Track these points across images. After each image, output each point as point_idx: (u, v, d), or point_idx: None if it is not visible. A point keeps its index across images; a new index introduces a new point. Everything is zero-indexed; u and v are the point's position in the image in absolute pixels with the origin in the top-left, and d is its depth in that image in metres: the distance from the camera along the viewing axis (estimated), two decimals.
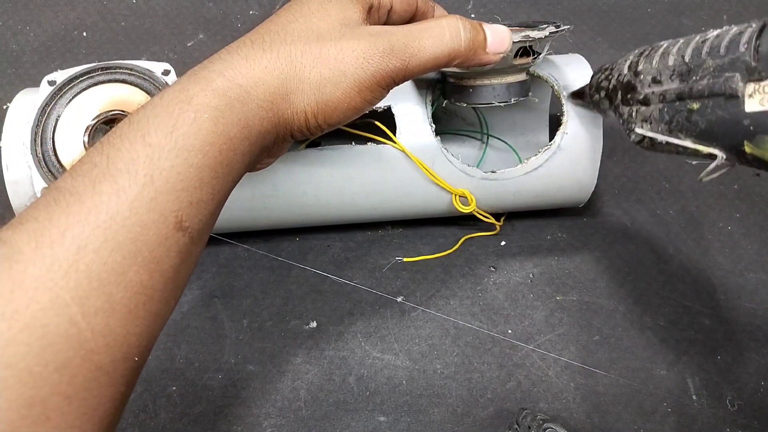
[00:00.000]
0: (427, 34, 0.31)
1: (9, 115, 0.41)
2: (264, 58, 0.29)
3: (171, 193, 0.25)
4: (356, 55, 0.30)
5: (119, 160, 0.25)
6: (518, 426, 0.40)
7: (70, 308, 0.22)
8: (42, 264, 0.22)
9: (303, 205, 0.43)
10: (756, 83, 0.25)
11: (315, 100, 0.30)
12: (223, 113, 0.27)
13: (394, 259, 0.48)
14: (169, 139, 0.26)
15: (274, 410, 0.43)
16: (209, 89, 0.28)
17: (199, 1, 0.57)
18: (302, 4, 0.32)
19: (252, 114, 0.28)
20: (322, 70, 0.30)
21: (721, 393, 0.44)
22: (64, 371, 0.22)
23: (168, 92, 0.28)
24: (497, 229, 0.48)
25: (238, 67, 0.29)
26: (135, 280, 0.24)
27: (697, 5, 0.57)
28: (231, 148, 0.27)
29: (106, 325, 0.23)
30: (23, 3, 0.57)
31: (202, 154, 0.26)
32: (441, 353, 0.45)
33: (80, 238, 0.23)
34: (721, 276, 0.47)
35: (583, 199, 0.45)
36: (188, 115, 0.26)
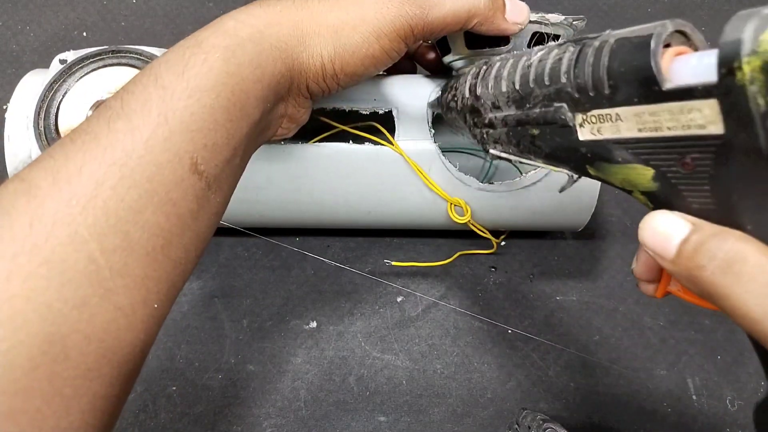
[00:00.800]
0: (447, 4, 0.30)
1: (17, 91, 0.41)
2: (279, 2, 0.29)
3: (185, 134, 0.25)
4: (360, 12, 0.29)
5: (133, 101, 0.25)
6: (518, 426, 0.40)
7: (89, 244, 0.22)
8: (60, 198, 0.22)
9: (297, 201, 0.43)
10: (583, 113, 0.24)
11: (332, 44, 0.29)
12: (234, 53, 0.27)
13: (384, 262, 0.47)
14: (180, 80, 0.26)
15: (274, 410, 0.43)
16: (220, 31, 0.27)
17: (199, 1, 0.57)
18: None
19: (265, 55, 0.28)
20: (340, 13, 0.29)
21: (721, 393, 0.44)
22: (83, 309, 0.22)
23: (181, 42, 0.27)
24: (495, 248, 0.47)
25: (252, 10, 0.28)
26: (152, 220, 0.24)
27: (697, 5, 0.57)
28: (244, 89, 0.27)
29: (124, 264, 0.23)
30: (23, 3, 0.57)
31: (215, 93, 0.26)
32: (441, 353, 0.45)
33: (97, 175, 0.23)
34: None
35: (582, 221, 0.44)
36: (199, 57, 0.26)
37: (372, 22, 0.29)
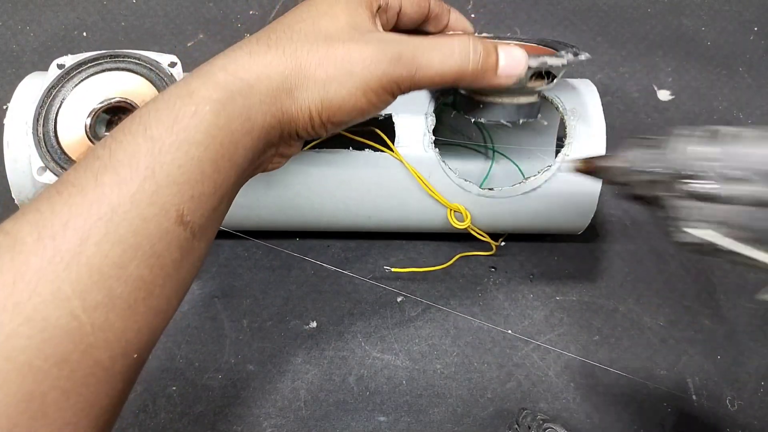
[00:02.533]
0: (437, 50, 0.31)
1: (15, 95, 0.41)
2: (268, 54, 0.29)
3: (172, 186, 0.25)
4: (364, 57, 0.30)
5: (121, 152, 0.25)
6: (518, 426, 0.40)
7: (71, 302, 0.22)
8: (44, 255, 0.22)
9: (296, 206, 0.43)
10: None
11: (320, 98, 0.30)
12: (224, 106, 0.27)
13: (383, 268, 0.47)
14: (170, 132, 0.26)
15: (274, 410, 0.43)
16: (210, 82, 0.28)
17: (199, 1, 0.57)
18: (310, 6, 0.32)
19: (254, 108, 0.28)
20: (329, 68, 0.30)
21: (721, 393, 0.44)
22: (63, 365, 0.22)
23: (170, 89, 0.28)
24: (494, 250, 0.46)
25: (241, 61, 0.29)
26: (135, 274, 0.24)
27: (697, 5, 0.57)
28: (233, 141, 0.27)
29: (105, 319, 0.23)
30: (23, 3, 0.57)
31: (203, 147, 0.26)
32: (441, 353, 0.45)
33: (82, 230, 0.23)
34: (721, 276, 0.47)
35: (582, 225, 0.44)
36: (189, 108, 0.26)
37: (359, 78, 0.30)
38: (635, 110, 0.53)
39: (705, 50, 0.55)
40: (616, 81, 0.54)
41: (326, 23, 0.30)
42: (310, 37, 0.30)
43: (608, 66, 0.55)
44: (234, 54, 0.29)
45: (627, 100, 0.53)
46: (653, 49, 0.55)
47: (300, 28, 0.30)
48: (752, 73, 0.54)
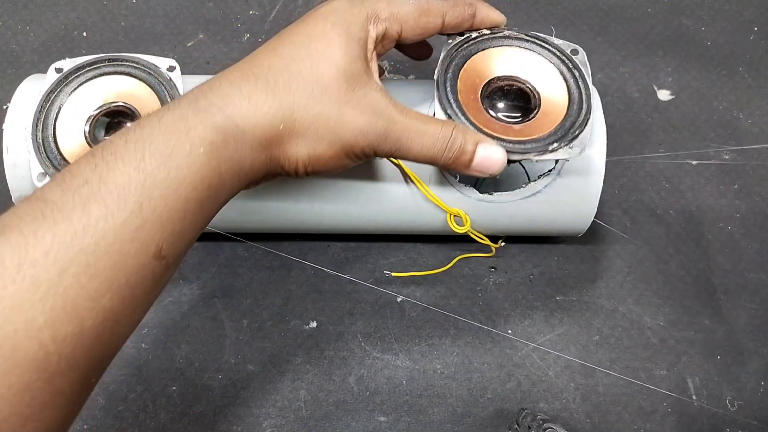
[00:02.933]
0: (419, 139, 0.33)
1: (14, 99, 0.41)
2: (266, 103, 0.30)
3: (156, 223, 0.26)
4: (355, 126, 0.31)
5: (111, 181, 0.25)
6: (518, 426, 0.40)
7: (42, 332, 0.22)
8: (22, 284, 0.22)
9: (296, 211, 0.43)
10: None
11: (307, 154, 0.32)
12: (218, 149, 0.28)
13: (383, 271, 0.47)
14: (162, 169, 0.26)
15: (274, 410, 0.43)
16: (208, 122, 0.28)
17: (199, 1, 0.57)
18: (309, 40, 0.32)
19: (245, 154, 0.29)
20: (320, 128, 0.31)
21: (721, 393, 0.44)
22: (25, 394, 0.22)
23: (167, 116, 0.28)
24: (493, 252, 0.46)
25: (239, 105, 0.29)
26: (107, 306, 0.24)
27: (697, 5, 0.57)
28: (221, 183, 0.28)
29: (72, 350, 0.23)
30: (23, 3, 0.57)
31: (192, 187, 0.27)
32: (441, 353, 0.45)
33: (63, 261, 0.23)
34: (721, 276, 0.47)
35: (581, 229, 0.44)
36: (185, 146, 0.27)
37: (346, 143, 0.32)
38: (635, 110, 0.53)
39: (705, 50, 0.55)
40: (616, 81, 0.54)
41: (324, 70, 0.31)
42: (307, 89, 0.31)
43: (608, 66, 0.55)
44: (232, 93, 0.30)
45: (627, 100, 0.53)
46: (653, 49, 0.55)
47: (298, 72, 0.31)
48: (752, 73, 0.54)
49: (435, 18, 0.35)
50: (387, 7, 0.34)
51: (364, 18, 0.33)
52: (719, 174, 0.51)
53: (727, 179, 0.50)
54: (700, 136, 0.52)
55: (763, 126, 0.52)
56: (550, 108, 0.38)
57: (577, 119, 0.37)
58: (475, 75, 0.39)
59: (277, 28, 0.56)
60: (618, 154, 0.51)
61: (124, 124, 0.41)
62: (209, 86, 0.30)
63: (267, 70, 0.31)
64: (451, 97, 0.37)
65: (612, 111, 0.53)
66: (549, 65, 0.39)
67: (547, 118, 0.38)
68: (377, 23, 0.33)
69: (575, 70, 0.38)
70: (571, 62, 0.38)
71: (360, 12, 0.33)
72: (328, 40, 0.32)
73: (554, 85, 0.38)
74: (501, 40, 0.39)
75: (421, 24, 0.35)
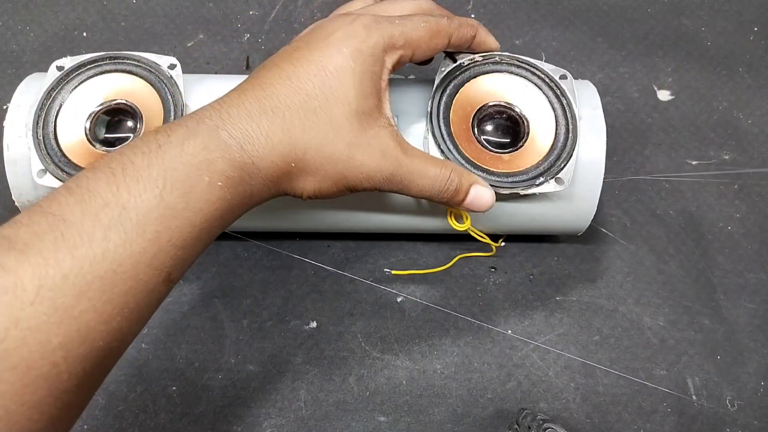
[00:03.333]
0: (420, 180, 0.35)
1: (15, 97, 0.41)
2: (281, 143, 0.31)
3: (170, 251, 0.26)
4: (361, 171, 0.33)
5: (132, 207, 0.25)
6: (518, 426, 0.40)
7: (55, 353, 0.23)
8: (40, 307, 0.23)
9: (296, 210, 0.43)
10: None
11: (313, 189, 0.33)
12: (234, 185, 0.29)
13: (383, 270, 0.47)
14: (182, 200, 0.27)
15: (274, 410, 0.43)
16: (227, 158, 0.29)
17: (199, 1, 0.57)
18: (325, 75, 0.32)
19: (257, 188, 0.31)
20: (328, 170, 0.33)
21: (721, 393, 0.44)
22: (36, 409, 0.23)
23: (190, 145, 0.28)
24: (494, 251, 0.46)
25: (257, 143, 0.30)
26: (116, 327, 0.25)
27: (697, 5, 0.57)
28: (230, 213, 0.30)
29: (82, 369, 0.24)
30: (23, 3, 0.57)
31: (206, 218, 0.28)
32: (441, 353, 0.45)
33: (80, 286, 0.24)
34: (721, 276, 0.47)
35: (581, 227, 0.44)
36: (204, 178, 0.28)
37: (350, 183, 0.34)
38: (635, 110, 0.53)
39: (705, 50, 0.55)
40: (616, 81, 0.54)
41: (338, 111, 0.32)
42: (321, 131, 0.32)
43: (608, 66, 0.55)
44: (251, 129, 0.30)
45: (627, 100, 0.53)
46: (653, 49, 0.55)
47: (313, 113, 0.32)
48: (752, 73, 0.54)
49: (443, 39, 0.36)
50: (402, 35, 0.34)
51: (381, 49, 0.33)
52: (719, 174, 0.51)
53: (727, 179, 0.50)
54: (700, 136, 0.52)
55: (763, 126, 0.52)
56: (538, 135, 0.40)
57: (563, 151, 0.39)
58: (467, 103, 0.40)
59: (277, 28, 0.56)
60: (618, 154, 0.51)
61: (124, 121, 0.41)
62: (228, 114, 0.30)
63: (284, 106, 0.31)
64: (444, 131, 0.39)
65: (612, 111, 0.53)
66: (537, 92, 0.40)
67: (535, 147, 0.39)
68: (393, 53, 0.34)
69: (563, 98, 0.40)
70: (559, 89, 0.40)
71: (377, 43, 0.33)
72: (343, 77, 0.32)
73: (542, 113, 0.40)
74: (492, 66, 0.40)
75: (431, 46, 0.36)
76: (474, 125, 0.40)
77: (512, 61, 0.41)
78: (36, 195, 0.41)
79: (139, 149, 0.27)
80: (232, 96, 0.31)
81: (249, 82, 0.32)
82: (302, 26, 0.56)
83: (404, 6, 0.37)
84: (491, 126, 0.41)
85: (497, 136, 0.40)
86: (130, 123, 0.40)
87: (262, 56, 0.55)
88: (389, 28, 0.34)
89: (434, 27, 0.35)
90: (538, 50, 0.55)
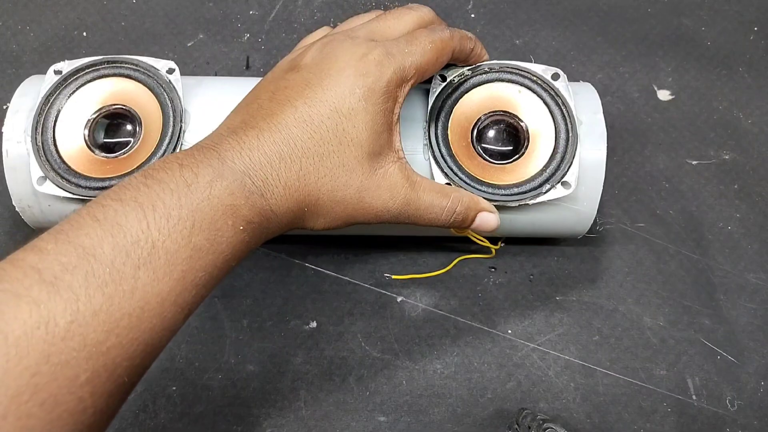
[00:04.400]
0: (427, 214, 0.36)
1: (13, 102, 0.41)
2: (297, 191, 0.32)
3: (194, 290, 0.27)
4: (370, 211, 0.34)
5: (161, 247, 0.26)
6: (518, 426, 0.40)
7: (83, 388, 0.23)
8: (71, 342, 0.23)
9: None
10: None
11: (323, 226, 0.34)
12: (254, 229, 0.30)
13: (383, 274, 0.47)
14: (208, 242, 0.28)
15: (274, 410, 0.43)
16: (250, 205, 0.30)
17: (199, 1, 0.57)
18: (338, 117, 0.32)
19: (272, 230, 0.32)
20: (339, 212, 0.34)
21: (721, 393, 0.44)
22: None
23: (217, 188, 0.28)
24: (493, 253, 0.46)
25: (276, 192, 0.31)
26: (140, 363, 0.26)
27: (697, 5, 0.57)
28: (247, 252, 0.31)
29: (106, 404, 0.25)
30: (23, 3, 0.57)
31: (226, 260, 0.29)
32: (441, 353, 0.45)
33: (109, 323, 0.24)
34: (721, 276, 0.47)
35: (581, 231, 0.44)
36: (228, 222, 0.28)
37: (359, 219, 0.35)
38: (635, 110, 0.53)
39: (705, 50, 0.55)
40: (616, 81, 0.54)
41: (350, 155, 0.33)
42: (333, 176, 0.33)
43: (608, 66, 0.55)
44: (272, 180, 0.31)
45: (627, 100, 0.53)
46: (653, 49, 0.55)
47: (327, 157, 0.32)
48: (752, 73, 0.54)
49: (448, 56, 0.37)
50: (413, 65, 0.34)
51: (394, 86, 0.34)
52: (719, 174, 0.51)
53: (727, 179, 0.50)
54: (700, 136, 0.52)
55: (763, 126, 0.52)
56: (539, 139, 0.39)
57: (565, 152, 0.39)
58: (463, 119, 0.40)
59: (277, 28, 0.56)
60: (618, 154, 0.51)
61: (123, 125, 0.41)
62: (250, 159, 0.30)
63: (301, 152, 0.32)
64: (446, 153, 0.39)
65: (612, 111, 0.53)
66: (532, 96, 0.40)
67: (537, 150, 0.39)
68: (405, 86, 0.34)
69: (558, 98, 0.39)
70: (553, 89, 0.40)
71: (390, 80, 0.33)
72: (356, 120, 0.32)
73: (540, 116, 0.40)
74: (482, 77, 0.40)
75: (438, 66, 0.36)
76: (473, 140, 0.40)
77: (502, 68, 0.40)
78: (36, 201, 0.40)
79: (167, 186, 0.27)
80: (250, 136, 0.31)
81: (265, 120, 0.32)
82: (302, 26, 0.56)
83: (407, 21, 0.36)
84: (491, 137, 0.40)
85: (498, 146, 0.40)
86: (129, 127, 0.40)
87: (262, 56, 0.55)
88: (400, 61, 0.33)
89: (440, 47, 0.35)
90: (538, 50, 0.55)
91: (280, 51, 0.55)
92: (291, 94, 0.33)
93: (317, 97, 0.32)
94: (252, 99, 0.34)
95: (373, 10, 0.40)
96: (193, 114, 0.41)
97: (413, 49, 0.34)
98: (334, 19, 0.56)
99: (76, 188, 0.38)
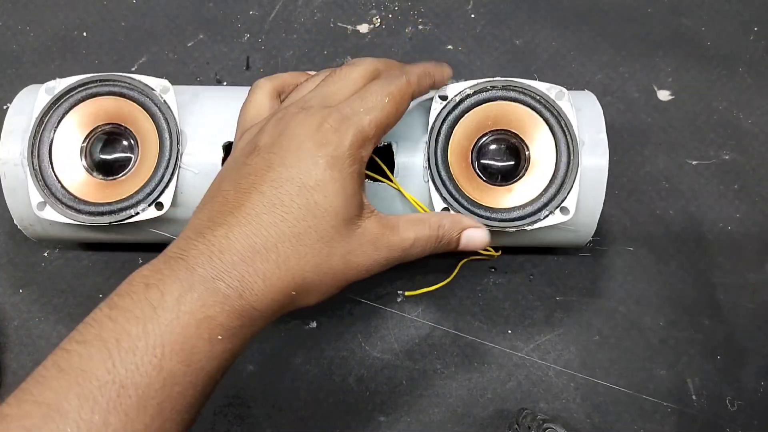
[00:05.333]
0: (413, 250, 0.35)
1: (7, 120, 0.40)
2: (279, 280, 0.30)
3: (175, 418, 0.27)
4: (358, 271, 0.33)
5: (130, 384, 0.25)
6: (518, 426, 0.40)
7: None
8: None
9: None
10: None
11: (317, 299, 0.33)
12: (235, 334, 0.29)
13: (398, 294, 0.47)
14: (183, 365, 0.26)
15: (274, 410, 0.43)
16: (227, 311, 0.28)
17: (199, 1, 0.57)
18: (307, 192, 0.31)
19: (258, 327, 0.30)
20: (328, 283, 0.32)
21: (721, 393, 0.44)
22: None
23: (186, 302, 0.27)
24: (495, 256, 0.45)
25: (255, 288, 0.29)
26: None
27: (697, 5, 0.57)
28: (233, 359, 0.30)
29: None
30: (23, 3, 0.57)
31: (208, 375, 0.28)
32: (441, 353, 0.45)
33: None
34: (721, 276, 0.47)
35: (579, 245, 0.44)
36: (204, 336, 0.27)
37: (350, 279, 0.33)
38: (635, 110, 0.53)
39: (705, 50, 0.55)
40: (616, 81, 0.54)
41: (326, 225, 0.31)
42: (315, 253, 0.31)
43: (608, 66, 0.55)
44: (248, 276, 0.29)
45: (627, 100, 0.53)
46: (653, 49, 0.55)
47: (305, 235, 0.31)
48: (752, 73, 0.54)
49: (408, 102, 0.35)
50: (371, 122, 0.32)
51: (356, 148, 0.32)
52: (719, 174, 0.51)
53: (727, 179, 0.50)
54: (700, 136, 0.52)
55: (763, 126, 0.52)
56: (539, 160, 0.39)
57: (565, 178, 0.38)
58: (463, 138, 0.39)
59: (277, 28, 0.56)
60: (618, 154, 0.51)
61: (120, 143, 0.40)
62: (220, 261, 0.29)
63: (275, 239, 0.30)
64: (445, 176, 0.38)
65: (612, 111, 0.53)
66: (534, 115, 0.39)
67: (537, 172, 0.38)
68: (368, 145, 0.33)
69: (561, 119, 0.38)
70: (556, 110, 0.39)
71: (351, 144, 0.32)
72: (326, 190, 0.31)
73: (541, 136, 0.39)
74: (483, 94, 0.39)
75: (399, 115, 0.34)
76: (473, 161, 0.39)
77: (504, 86, 0.39)
78: (38, 221, 0.40)
79: (132, 314, 0.26)
80: (219, 235, 0.30)
81: (233, 215, 0.30)
82: (302, 26, 0.56)
83: (355, 78, 0.35)
84: (491, 157, 0.40)
85: (498, 167, 0.40)
86: (125, 142, 0.40)
87: (262, 56, 0.55)
88: (358, 122, 0.32)
89: (398, 97, 0.34)
90: (538, 50, 0.55)
91: (280, 51, 0.55)
92: (256, 180, 0.31)
93: (282, 177, 0.31)
94: (215, 192, 0.32)
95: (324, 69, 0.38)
96: (190, 135, 0.40)
97: (369, 108, 0.33)
98: (334, 19, 0.56)
99: (76, 214, 0.38)
